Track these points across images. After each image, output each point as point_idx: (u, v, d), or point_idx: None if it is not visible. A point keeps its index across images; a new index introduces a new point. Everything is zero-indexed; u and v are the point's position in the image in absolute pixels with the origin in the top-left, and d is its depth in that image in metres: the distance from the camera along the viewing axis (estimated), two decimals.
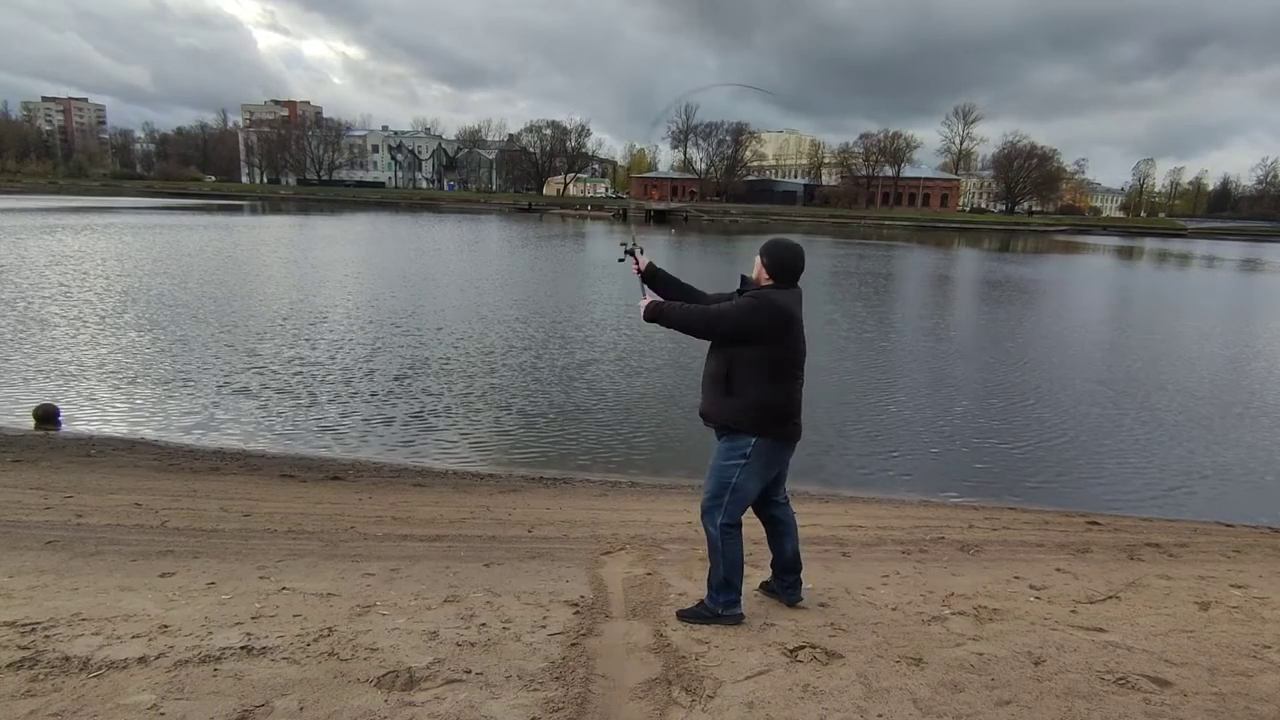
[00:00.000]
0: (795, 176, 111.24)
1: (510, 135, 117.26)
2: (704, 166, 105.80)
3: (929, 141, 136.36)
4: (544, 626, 2.87)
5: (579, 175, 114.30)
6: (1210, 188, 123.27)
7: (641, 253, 3.15)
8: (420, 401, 8.75)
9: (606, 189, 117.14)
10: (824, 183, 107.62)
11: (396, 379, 9.67)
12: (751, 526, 3.18)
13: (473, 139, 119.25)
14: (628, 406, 8.88)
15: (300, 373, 9.76)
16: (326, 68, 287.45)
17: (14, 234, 28.53)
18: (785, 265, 2.89)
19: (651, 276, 3.15)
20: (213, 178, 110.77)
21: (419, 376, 9.85)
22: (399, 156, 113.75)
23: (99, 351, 10.43)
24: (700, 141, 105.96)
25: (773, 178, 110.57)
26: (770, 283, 2.90)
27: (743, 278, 3.01)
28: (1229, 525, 5.86)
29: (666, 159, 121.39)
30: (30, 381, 8.87)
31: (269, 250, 27.96)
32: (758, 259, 2.94)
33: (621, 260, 3.19)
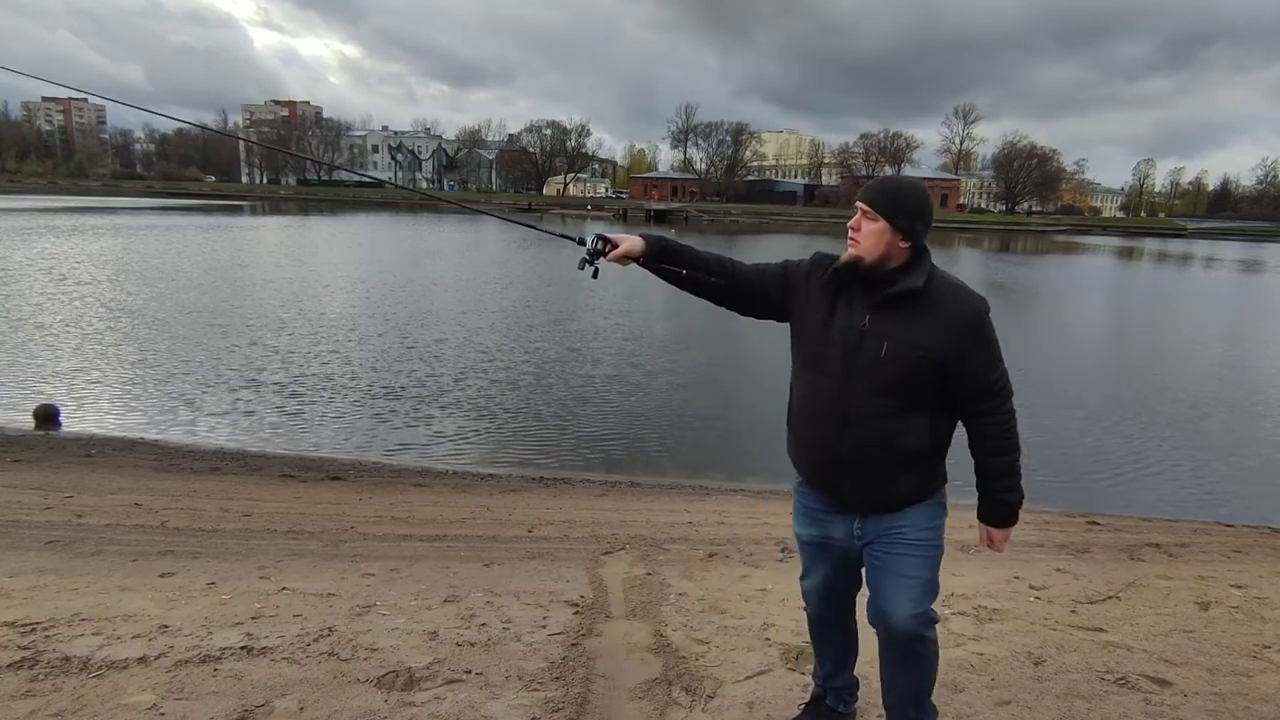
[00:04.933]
0: (795, 176, 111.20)
1: (510, 135, 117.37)
2: (704, 167, 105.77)
3: (929, 141, 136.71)
4: (544, 626, 2.87)
5: (579, 175, 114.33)
6: (1210, 188, 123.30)
7: (607, 247, 1.93)
8: (420, 402, 8.75)
9: (606, 189, 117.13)
10: (824, 183, 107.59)
11: (397, 379, 9.67)
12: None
13: (472, 139, 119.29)
14: (628, 407, 8.88)
15: (301, 373, 9.75)
16: (323, 66, 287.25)
17: (12, 235, 28.52)
18: (932, 214, 1.81)
19: (660, 254, 1.93)
20: (213, 178, 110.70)
21: (419, 377, 9.85)
22: (399, 156, 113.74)
23: (99, 352, 10.43)
24: (700, 141, 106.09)
25: (773, 178, 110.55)
26: (913, 248, 1.78)
27: (850, 264, 1.79)
28: (1229, 525, 5.86)
29: (666, 159, 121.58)
30: (30, 381, 8.87)
31: (269, 251, 27.96)
32: (878, 224, 1.75)
33: (590, 266, 1.96)
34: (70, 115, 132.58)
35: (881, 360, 1.74)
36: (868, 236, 1.77)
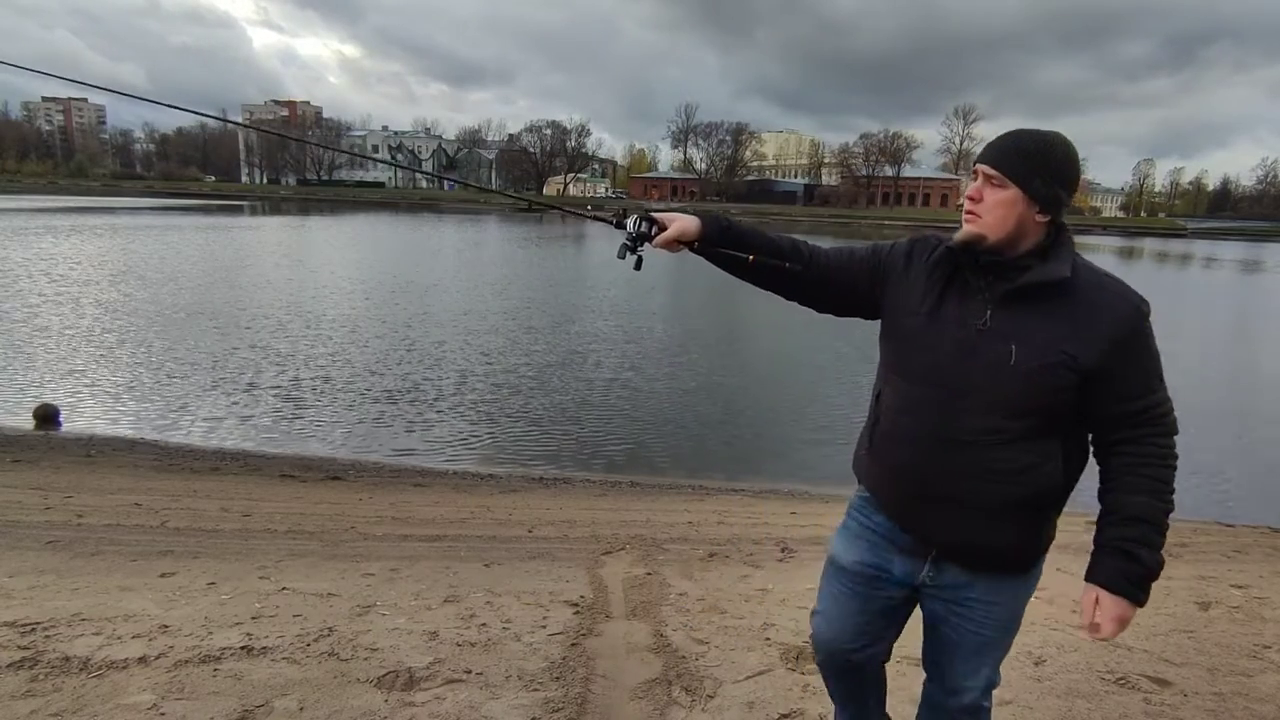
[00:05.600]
0: (795, 176, 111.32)
1: (510, 135, 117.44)
2: (704, 166, 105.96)
3: (929, 141, 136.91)
4: (544, 626, 2.87)
5: (579, 175, 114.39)
6: (1210, 188, 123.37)
7: (653, 230, 1.54)
8: (421, 402, 8.75)
9: (606, 189, 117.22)
10: (824, 183, 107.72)
11: (397, 380, 9.67)
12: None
13: (472, 139, 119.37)
14: (628, 408, 8.88)
15: (300, 374, 9.75)
16: (322, 66, 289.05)
17: (11, 235, 28.52)
18: (1079, 178, 1.41)
19: (720, 236, 1.54)
20: (213, 178, 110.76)
21: (420, 378, 9.85)
22: (399, 156, 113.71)
23: (99, 352, 10.43)
24: (700, 141, 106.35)
25: (773, 178, 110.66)
26: (1052, 224, 1.38)
27: (967, 244, 1.39)
28: (1229, 525, 5.86)
29: (666, 159, 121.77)
30: (30, 381, 8.87)
31: (269, 252, 27.97)
32: (1007, 192, 1.34)
33: (631, 254, 1.56)
34: (70, 115, 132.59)
35: (1009, 370, 1.33)
36: (992, 209, 1.35)
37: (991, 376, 1.35)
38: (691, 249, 1.55)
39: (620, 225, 1.58)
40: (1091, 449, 1.46)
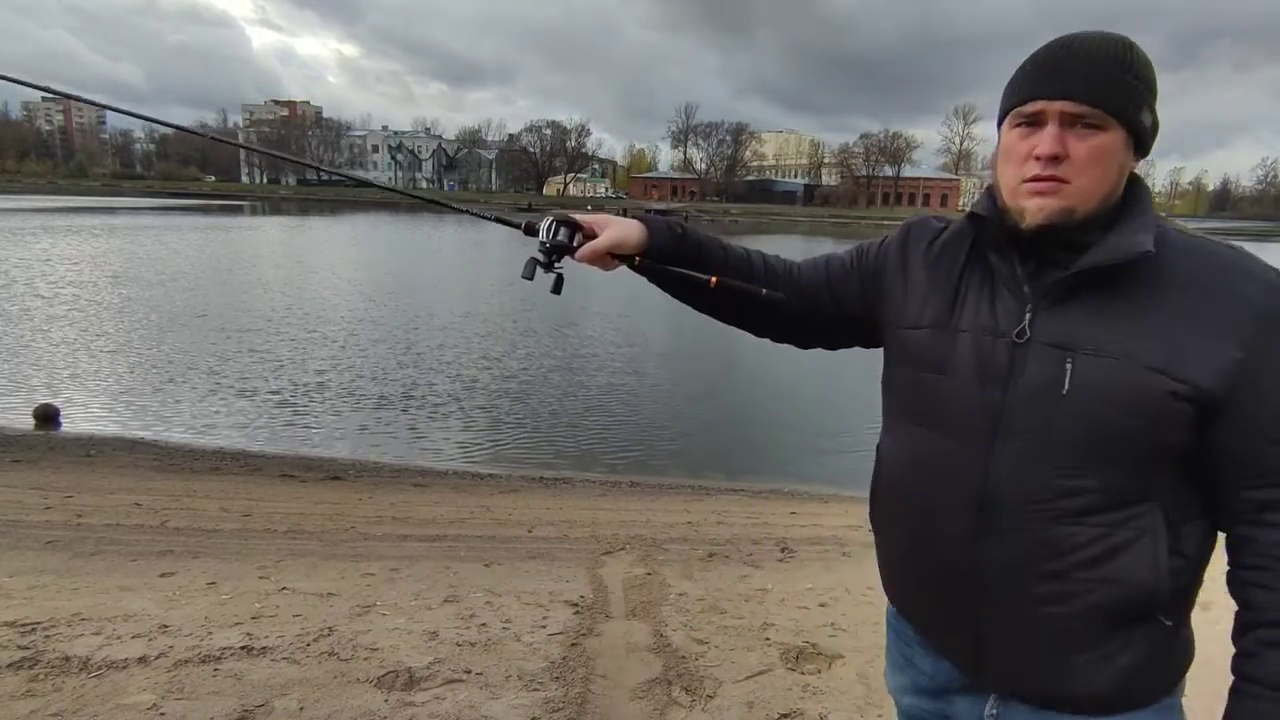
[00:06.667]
0: (795, 176, 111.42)
1: (510, 135, 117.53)
2: (704, 166, 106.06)
3: (929, 141, 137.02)
4: (544, 626, 2.87)
5: (579, 175, 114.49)
6: (1210, 188, 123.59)
7: (575, 239, 1.14)
8: (421, 402, 8.75)
9: (606, 189, 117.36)
10: (824, 183, 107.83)
11: (397, 381, 9.67)
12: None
13: (472, 139, 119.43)
14: (628, 408, 8.88)
15: (300, 374, 9.76)
16: (321, 65, 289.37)
17: (11, 236, 28.53)
18: None
19: (674, 249, 1.12)
20: (213, 178, 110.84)
21: (420, 378, 9.85)
22: (399, 156, 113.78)
23: (99, 353, 10.44)
24: (700, 141, 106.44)
25: (772, 177, 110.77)
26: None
27: (1048, 228, 0.89)
28: None
29: (666, 159, 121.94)
30: (30, 382, 8.87)
31: (269, 253, 27.98)
32: (1107, 135, 0.87)
33: (547, 272, 1.19)
34: (70, 115, 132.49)
35: (1067, 397, 0.86)
36: (1089, 167, 0.87)
37: (1038, 412, 0.88)
38: (632, 265, 1.11)
39: (531, 232, 1.15)
40: (1225, 515, 0.91)
